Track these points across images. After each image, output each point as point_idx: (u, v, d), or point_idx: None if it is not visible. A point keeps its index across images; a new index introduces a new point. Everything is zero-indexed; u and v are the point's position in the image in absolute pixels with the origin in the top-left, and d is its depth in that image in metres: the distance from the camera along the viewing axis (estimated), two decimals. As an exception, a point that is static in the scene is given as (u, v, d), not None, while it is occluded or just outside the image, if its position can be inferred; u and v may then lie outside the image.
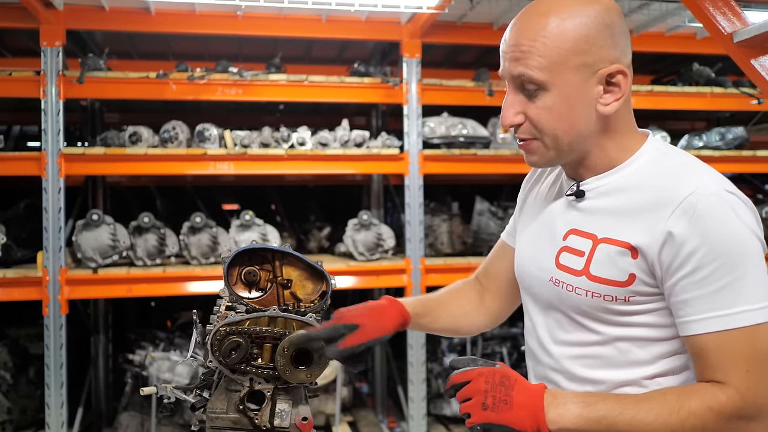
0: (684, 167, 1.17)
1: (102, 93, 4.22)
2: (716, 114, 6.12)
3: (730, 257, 1.08)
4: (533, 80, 1.16)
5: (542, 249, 1.31)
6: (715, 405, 1.07)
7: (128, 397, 4.43)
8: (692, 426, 1.07)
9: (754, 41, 2.42)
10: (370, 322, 1.35)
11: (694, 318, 1.10)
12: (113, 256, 4.17)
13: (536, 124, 1.19)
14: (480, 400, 1.12)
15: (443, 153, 4.51)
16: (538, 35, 1.15)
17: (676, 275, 1.11)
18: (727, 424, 1.08)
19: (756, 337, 1.07)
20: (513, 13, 4.23)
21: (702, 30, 4.81)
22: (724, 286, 1.07)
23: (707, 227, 1.08)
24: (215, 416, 1.34)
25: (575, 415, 1.10)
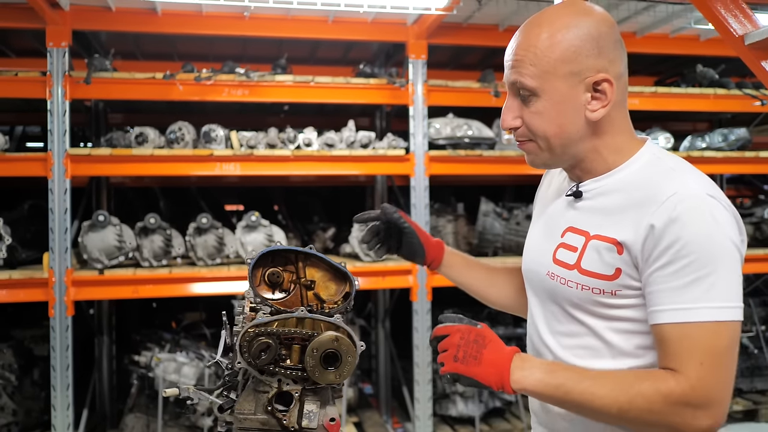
0: (673, 171, 1.24)
1: (108, 94, 4.21)
2: (718, 115, 6.14)
3: (702, 256, 1.14)
4: (525, 87, 1.27)
5: (543, 246, 1.41)
6: (664, 389, 1.14)
7: (134, 399, 4.43)
8: (639, 406, 1.15)
9: (766, 43, 2.44)
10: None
11: (661, 308, 1.17)
12: (119, 257, 4.16)
13: (530, 127, 1.29)
14: (453, 353, 1.24)
15: (449, 154, 4.51)
16: (530, 45, 1.26)
17: (652, 267, 1.18)
18: (672, 409, 1.14)
19: (716, 333, 1.14)
20: (520, 14, 4.27)
21: (706, 32, 4.83)
22: (692, 281, 1.14)
23: (684, 225, 1.15)
24: (243, 417, 1.34)
25: (537, 379, 1.20)
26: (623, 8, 4.24)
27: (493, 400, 4.76)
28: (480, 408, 4.69)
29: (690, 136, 5.49)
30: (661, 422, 1.15)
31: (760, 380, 5.26)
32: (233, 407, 1.37)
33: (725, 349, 1.15)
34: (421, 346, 4.48)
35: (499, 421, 4.79)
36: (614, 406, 1.16)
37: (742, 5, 2.45)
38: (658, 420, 1.15)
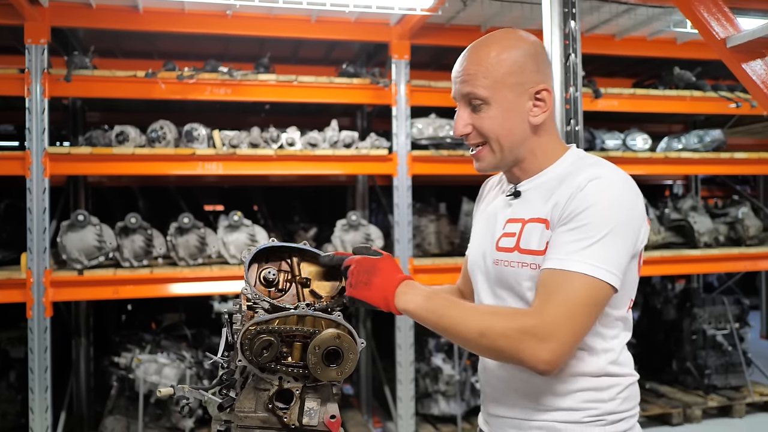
0: (592, 164, 1.44)
1: (89, 92, 4.16)
2: (693, 117, 6.26)
3: (595, 223, 1.32)
4: (479, 96, 1.44)
5: (487, 241, 1.56)
6: (520, 320, 1.31)
7: (114, 401, 4.37)
8: (496, 331, 1.30)
9: (747, 47, 2.49)
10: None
11: (548, 257, 1.36)
12: (99, 257, 4.11)
13: (482, 131, 1.47)
14: (350, 281, 1.44)
15: (431, 154, 4.53)
16: (481, 62, 1.45)
17: (558, 228, 1.37)
18: (521, 337, 1.28)
19: (580, 284, 1.30)
20: (503, 16, 4.31)
21: (683, 34, 4.92)
22: (578, 240, 1.32)
23: (587, 196, 1.34)
24: (244, 415, 1.34)
25: (417, 303, 1.39)
26: (604, 10, 4.30)
27: (474, 398, 4.80)
28: (462, 406, 4.72)
29: (667, 138, 5.58)
30: (510, 348, 1.29)
31: (734, 377, 5.37)
32: (233, 405, 1.36)
33: (584, 300, 1.30)
34: (404, 345, 4.49)
35: (480, 420, 4.82)
36: (476, 329, 1.32)
37: (724, 9, 2.50)
38: (508, 345, 1.29)
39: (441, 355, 4.76)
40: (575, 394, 1.41)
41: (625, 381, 1.44)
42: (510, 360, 1.33)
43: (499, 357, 1.37)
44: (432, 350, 4.80)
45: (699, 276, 6.82)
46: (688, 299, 5.60)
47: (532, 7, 4.14)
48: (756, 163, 5.29)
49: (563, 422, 1.41)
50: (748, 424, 5.07)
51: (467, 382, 4.74)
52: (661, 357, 5.66)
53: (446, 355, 4.78)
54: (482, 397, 1.62)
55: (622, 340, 1.46)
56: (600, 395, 1.41)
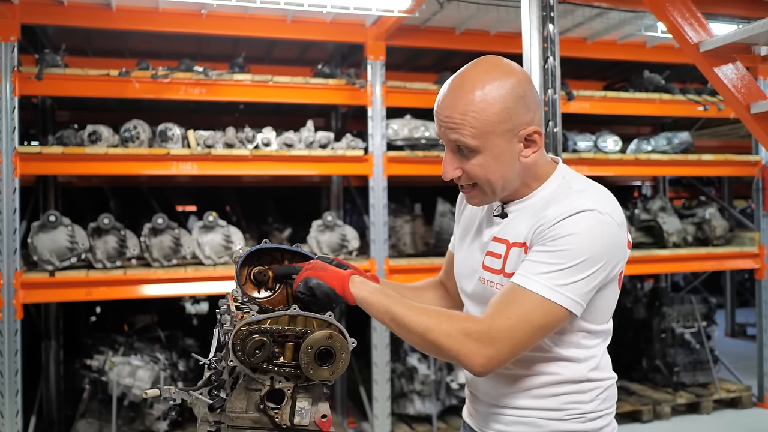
0: (576, 192, 1.43)
1: (61, 90, 4.09)
2: (661, 119, 6.38)
3: (566, 252, 1.34)
4: (468, 146, 1.41)
5: (474, 256, 1.58)
6: (466, 324, 1.35)
7: (86, 404, 4.31)
8: (441, 330, 1.34)
9: (719, 51, 2.56)
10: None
11: (516, 272, 1.38)
12: (71, 258, 4.05)
13: (473, 177, 1.45)
14: (303, 275, 1.47)
15: (407, 155, 4.56)
16: (467, 110, 1.39)
17: (532, 248, 1.39)
18: (463, 340, 1.32)
19: (536, 306, 1.33)
20: (478, 18, 4.34)
21: (652, 38, 5.02)
22: (546, 262, 1.34)
23: (564, 226, 1.35)
24: (235, 416, 1.34)
25: (369, 291, 1.43)
26: (578, 14, 4.37)
27: (449, 397, 4.83)
28: (437, 406, 4.75)
29: (636, 140, 5.69)
30: (451, 347, 1.33)
31: (702, 374, 5.49)
32: (224, 406, 1.36)
33: (534, 320, 1.34)
34: (379, 346, 4.50)
35: (455, 419, 4.85)
36: (423, 325, 1.35)
37: (697, 14, 2.57)
38: (449, 344, 1.33)
39: (416, 355, 4.78)
40: (558, 397, 1.46)
41: (605, 384, 1.50)
42: (448, 358, 1.37)
43: (439, 354, 1.38)
44: (407, 350, 4.82)
45: (667, 275, 6.97)
46: (657, 298, 5.71)
47: (508, 9, 4.19)
48: (722, 165, 5.42)
49: (545, 419, 1.47)
50: (715, 419, 5.19)
51: (442, 382, 4.77)
52: (631, 355, 5.76)
53: (422, 355, 4.80)
54: (467, 390, 1.67)
55: (603, 346, 1.52)
56: (581, 397, 1.47)
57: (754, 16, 3.69)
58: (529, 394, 1.48)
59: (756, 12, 3.61)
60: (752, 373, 5.64)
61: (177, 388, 1.44)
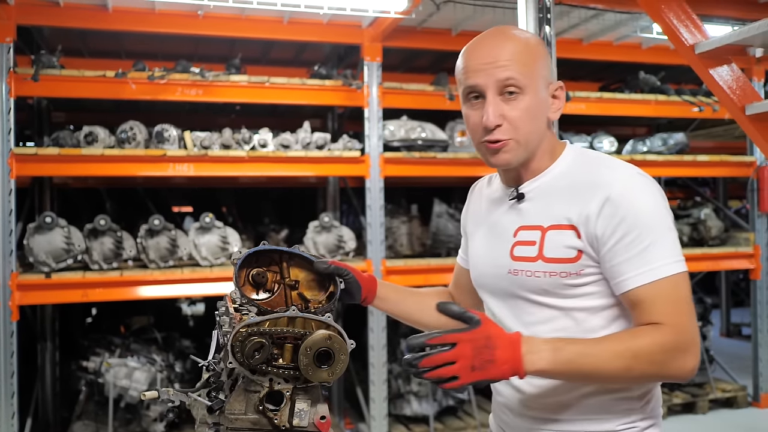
0: (601, 159, 1.44)
1: (57, 92, 4.08)
2: (657, 120, 6.41)
3: (647, 224, 1.31)
4: (519, 84, 1.38)
5: (496, 250, 1.51)
6: (659, 340, 1.26)
7: (82, 406, 4.30)
8: (642, 360, 1.25)
9: (714, 53, 2.57)
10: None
11: (628, 276, 1.31)
12: (67, 260, 4.04)
13: (514, 122, 1.39)
14: (469, 364, 1.21)
15: (403, 156, 4.56)
16: (515, 50, 1.40)
17: (609, 244, 1.32)
18: (668, 356, 1.26)
19: (677, 284, 1.30)
20: (474, 20, 4.35)
21: (648, 40, 5.04)
22: (647, 247, 1.30)
23: (628, 203, 1.32)
24: (234, 417, 1.34)
25: (547, 361, 1.24)
26: (574, 15, 4.39)
27: (446, 398, 4.83)
28: (434, 407, 4.75)
29: (632, 140, 5.71)
30: (660, 372, 1.28)
31: (698, 374, 5.46)
32: (223, 408, 1.36)
33: (686, 296, 1.32)
34: (376, 347, 4.51)
35: (452, 420, 4.86)
36: (622, 367, 1.25)
37: (693, 16, 2.58)
38: (657, 370, 1.27)
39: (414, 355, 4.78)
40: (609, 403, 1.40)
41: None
42: (657, 381, 1.34)
43: (647, 381, 1.35)
44: (404, 351, 4.81)
45: (662, 276, 6.95)
46: (653, 298, 5.72)
47: (504, 11, 4.20)
48: (717, 166, 5.44)
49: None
50: (711, 419, 5.21)
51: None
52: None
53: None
54: (503, 405, 1.55)
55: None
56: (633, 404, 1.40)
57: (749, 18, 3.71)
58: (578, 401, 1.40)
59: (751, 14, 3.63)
60: (747, 372, 5.67)
61: (175, 390, 1.44)
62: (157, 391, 1.44)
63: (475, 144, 1.47)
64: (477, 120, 1.42)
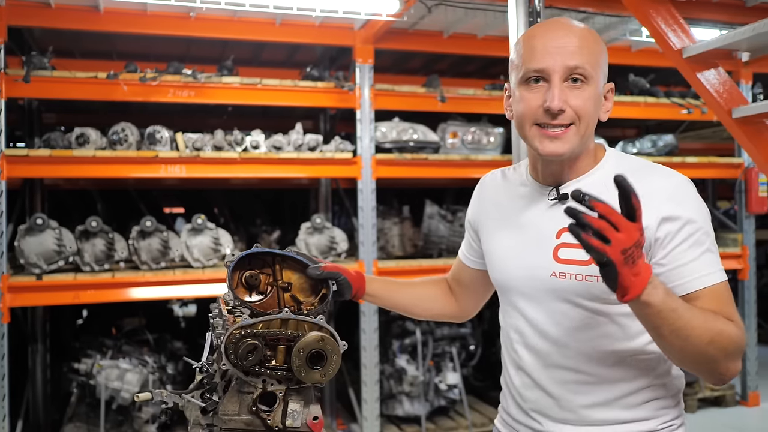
0: (650, 165, 1.43)
1: (48, 93, 4.07)
2: (646, 122, 6.45)
3: (701, 229, 1.34)
4: (586, 72, 1.36)
5: (532, 252, 1.46)
6: (735, 333, 1.27)
7: (74, 408, 4.29)
8: (718, 344, 1.24)
9: (701, 57, 2.61)
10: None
11: (691, 278, 1.32)
12: (59, 261, 4.03)
13: (578, 109, 1.37)
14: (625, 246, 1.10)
15: (395, 157, 4.58)
16: (585, 39, 1.39)
17: (670, 246, 1.33)
18: (733, 351, 1.27)
19: (727, 289, 1.35)
20: (465, 22, 4.38)
21: (637, 42, 5.08)
22: (706, 250, 1.33)
23: (686, 209, 1.33)
24: (228, 418, 1.35)
25: (660, 298, 1.18)
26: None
27: (438, 398, 4.86)
28: (426, 407, 4.77)
29: (622, 142, 5.75)
30: (721, 362, 1.26)
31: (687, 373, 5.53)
32: (216, 409, 1.38)
33: (734, 304, 1.35)
34: (368, 347, 4.52)
35: (444, 420, 4.88)
36: (706, 340, 1.22)
37: (680, 21, 2.61)
38: (721, 359, 1.26)
39: (405, 357, 4.81)
40: (647, 404, 1.41)
41: (680, 378, 1.49)
42: (708, 371, 1.28)
43: (705, 366, 1.28)
44: (396, 351, 4.84)
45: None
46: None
47: (495, 14, 4.23)
48: (706, 167, 5.49)
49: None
50: (700, 418, 5.26)
51: (431, 383, 4.80)
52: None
53: (410, 357, 4.82)
54: (524, 407, 1.53)
55: None
56: (666, 402, 1.43)
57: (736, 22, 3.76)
58: (618, 404, 1.40)
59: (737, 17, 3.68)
60: (736, 372, 5.72)
61: (168, 391, 1.45)
62: (150, 392, 1.45)
63: (525, 127, 1.42)
64: (537, 102, 1.38)
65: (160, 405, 1.44)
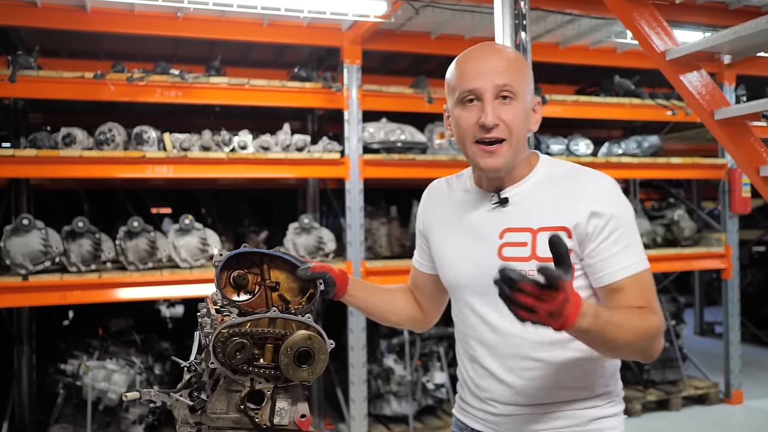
0: (580, 168, 1.58)
1: (34, 93, 4.06)
2: (631, 123, 6.51)
3: (625, 224, 1.49)
4: (514, 89, 1.50)
5: (479, 252, 1.58)
6: (657, 321, 1.44)
7: (60, 409, 4.27)
8: (648, 334, 1.42)
9: (684, 60, 2.65)
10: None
11: (615, 269, 1.47)
12: (45, 262, 4.01)
13: (509, 124, 1.50)
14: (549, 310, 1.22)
15: (383, 158, 4.60)
16: (512, 61, 1.54)
17: (597, 240, 1.48)
18: (657, 336, 1.44)
19: (648, 277, 1.50)
20: (453, 23, 4.41)
21: (623, 44, 5.13)
22: (629, 243, 1.48)
23: (612, 206, 1.49)
24: (216, 416, 1.36)
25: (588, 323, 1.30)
26: (550, 20, 4.46)
27: (426, 398, 4.88)
28: (413, 406, 4.79)
29: (607, 143, 5.80)
30: (648, 348, 1.44)
31: (671, 371, 5.61)
32: (204, 407, 1.39)
33: (654, 288, 1.51)
34: (356, 347, 4.54)
35: (431, 419, 4.91)
36: (632, 339, 1.40)
37: (663, 24, 2.64)
38: (648, 346, 1.44)
39: (392, 356, 4.83)
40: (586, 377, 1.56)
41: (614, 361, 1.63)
42: (639, 357, 1.46)
43: (638, 354, 1.46)
44: (384, 351, 4.86)
45: (637, 276, 7.06)
46: (627, 298, 5.81)
47: (482, 15, 4.26)
48: (690, 168, 5.55)
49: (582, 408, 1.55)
50: (684, 416, 5.31)
51: (418, 383, 4.82)
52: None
53: (398, 356, 4.84)
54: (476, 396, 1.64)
55: None
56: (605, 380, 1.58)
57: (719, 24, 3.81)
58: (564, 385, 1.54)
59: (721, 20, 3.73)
60: (719, 370, 5.79)
61: (157, 391, 1.46)
62: (138, 391, 1.46)
63: (466, 146, 1.54)
64: (472, 120, 1.51)
65: (148, 405, 1.45)
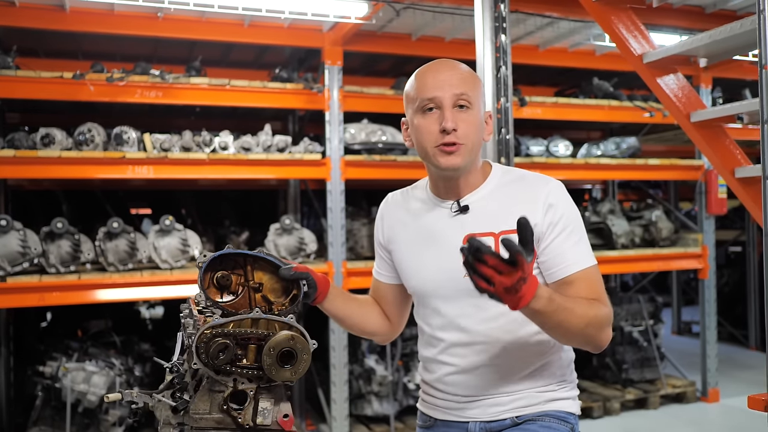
0: (527, 174, 1.71)
1: (12, 92, 4.01)
2: (610, 125, 6.59)
3: (574, 222, 1.63)
4: (469, 99, 1.63)
5: (444, 258, 1.66)
6: (605, 312, 1.56)
7: (38, 411, 4.22)
8: (596, 322, 1.53)
9: (661, 63, 2.70)
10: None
11: (567, 263, 1.60)
12: (23, 263, 3.97)
13: (466, 129, 1.61)
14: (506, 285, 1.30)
15: (364, 159, 4.61)
16: (465, 74, 1.66)
17: (550, 238, 1.61)
18: (604, 325, 1.56)
19: (597, 272, 1.64)
20: (434, 25, 4.43)
21: (601, 47, 5.19)
22: (577, 241, 1.62)
23: (562, 205, 1.62)
24: (199, 417, 1.37)
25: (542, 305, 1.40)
26: (530, 23, 4.50)
27: (407, 398, 4.90)
28: (394, 406, 4.81)
29: (586, 144, 5.86)
30: (596, 336, 1.55)
31: (649, 371, 5.68)
32: (187, 408, 1.39)
33: (602, 283, 1.64)
34: (337, 347, 4.54)
35: (412, 419, 4.92)
36: (582, 325, 1.50)
37: (641, 27, 2.69)
38: (597, 334, 1.55)
39: (374, 357, 4.84)
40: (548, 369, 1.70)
41: (569, 352, 1.78)
42: (592, 343, 1.56)
43: (587, 341, 1.56)
44: (365, 352, 4.87)
45: (616, 275, 7.17)
46: (606, 298, 5.89)
47: (462, 18, 4.29)
48: (668, 169, 5.63)
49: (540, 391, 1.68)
50: (662, 414, 5.39)
51: (399, 383, 4.84)
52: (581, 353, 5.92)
53: (379, 356, 4.86)
54: (435, 387, 1.75)
55: None
56: (563, 372, 1.73)
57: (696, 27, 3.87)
58: (524, 376, 1.66)
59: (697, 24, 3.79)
60: (696, 368, 5.88)
61: (139, 392, 1.46)
62: (120, 392, 1.46)
63: (427, 150, 1.64)
64: (432, 127, 1.62)
65: (128, 407, 1.46)
